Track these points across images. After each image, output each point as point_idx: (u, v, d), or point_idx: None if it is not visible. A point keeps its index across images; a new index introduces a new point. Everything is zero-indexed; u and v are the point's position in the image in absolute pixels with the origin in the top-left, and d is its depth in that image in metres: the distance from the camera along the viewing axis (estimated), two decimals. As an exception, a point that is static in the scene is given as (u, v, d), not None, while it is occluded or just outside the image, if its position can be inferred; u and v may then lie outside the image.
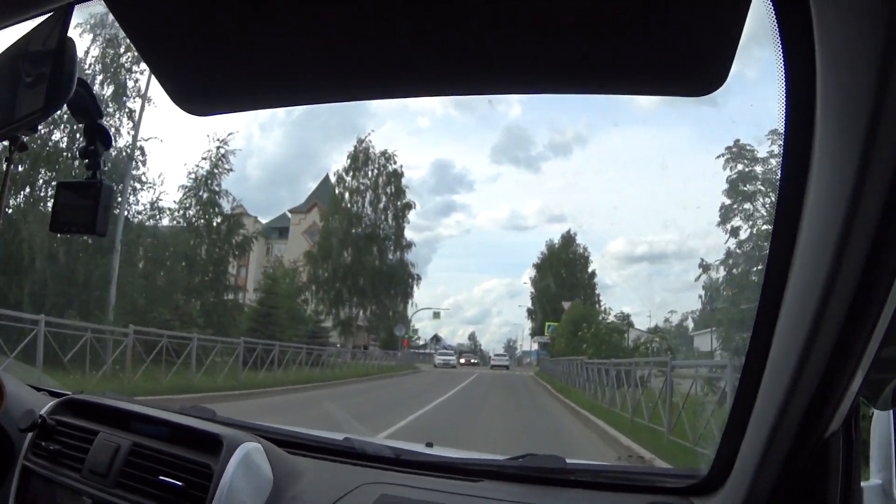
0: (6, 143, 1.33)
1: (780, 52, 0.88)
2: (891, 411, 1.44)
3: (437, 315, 46.44)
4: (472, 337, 60.76)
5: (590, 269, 43.00)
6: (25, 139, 1.34)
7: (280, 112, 63.99)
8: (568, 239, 43.56)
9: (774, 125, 1.02)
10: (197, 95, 1.16)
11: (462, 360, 42.29)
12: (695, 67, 0.92)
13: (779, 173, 1.00)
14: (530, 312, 44.48)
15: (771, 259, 1.06)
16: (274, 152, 57.54)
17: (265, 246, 47.67)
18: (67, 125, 14.36)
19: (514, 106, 55.44)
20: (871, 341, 0.96)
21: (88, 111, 1.43)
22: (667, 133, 54.96)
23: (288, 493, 1.58)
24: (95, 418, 1.85)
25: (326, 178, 51.32)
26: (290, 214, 51.13)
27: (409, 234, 56.39)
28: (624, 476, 1.70)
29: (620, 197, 61.96)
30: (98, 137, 1.46)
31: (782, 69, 0.90)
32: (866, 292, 0.90)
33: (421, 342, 52.09)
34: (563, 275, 41.91)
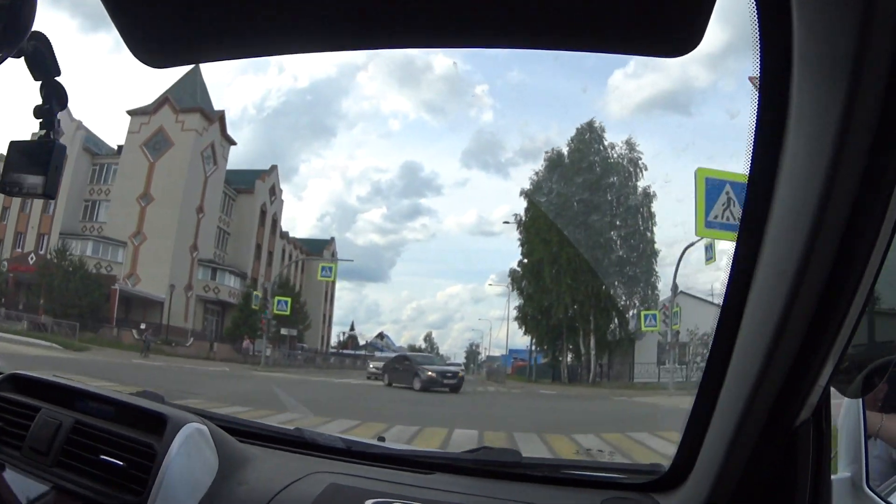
0: None
1: (756, 28, 0.90)
2: (860, 404, 1.45)
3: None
4: (428, 338, 62.53)
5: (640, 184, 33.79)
6: None
7: (250, 108, 66.61)
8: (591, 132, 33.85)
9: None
10: (155, 44, 1.06)
11: (374, 367, 30.25)
12: (669, 26, 0.89)
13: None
14: (516, 280, 36.14)
15: (740, 242, 1.05)
16: (241, 150, 60.30)
17: (90, 166, 42.65)
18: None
19: (486, 111, 58.52)
20: (843, 329, 0.97)
21: (46, 67, 1.37)
22: (641, 141, 52.22)
23: (234, 477, 1.54)
24: (39, 395, 1.76)
25: (195, 70, 42.61)
26: (128, 116, 43.81)
27: (373, 237, 65.29)
28: (581, 470, 1.69)
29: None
30: (54, 95, 1.41)
31: (758, 46, 0.92)
32: (838, 279, 0.91)
33: (362, 342, 49.44)
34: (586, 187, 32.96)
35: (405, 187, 79.53)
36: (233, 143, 48.35)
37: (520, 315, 36.78)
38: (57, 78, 1.42)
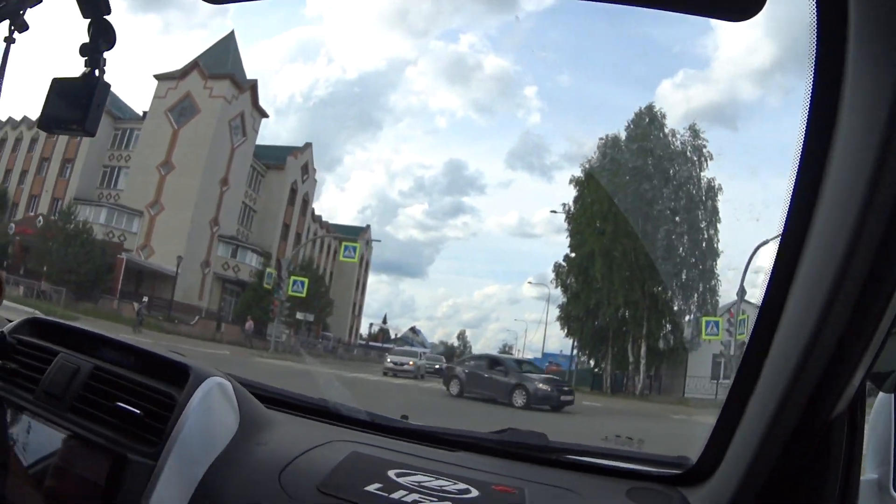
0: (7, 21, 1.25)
1: (814, 42, 0.92)
2: (892, 406, 1.42)
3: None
4: (461, 336, 59.48)
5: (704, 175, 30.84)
6: (26, 16, 1.28)
7: (297, 96, 64.79)
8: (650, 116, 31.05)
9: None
10: None
11: (392, 362, 26.67)
12: None
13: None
14: (560, 276, 33.03)
15: (785, 236, 1.06)
16: (286, 139, 56.76)
17: (112, 130, 40.41)
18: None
19: (533, 113, 56.13)
20: (882, 323, 0.98)
21: (97, 5, 1.36)
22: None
23: (254, 437, 1.53)
24: (59, 340, 1.74)
25: (229, 37, 42.95)
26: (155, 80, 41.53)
27: (413, 232, 68.86)
28: (608, 459, 1.67)
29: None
30: (102, 34, 1.39)
31: (813, 60, 0.93)
32: (878, 275, 0.92)
33: (393, 334, 49.32)
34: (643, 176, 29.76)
35: (449, 185, 74.11)
36: (265, 115, 45.79)
37: (562, 315, 33.57)
38: (106, 17, 1.36)
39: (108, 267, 34.01)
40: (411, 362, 26.34)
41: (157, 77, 41.43)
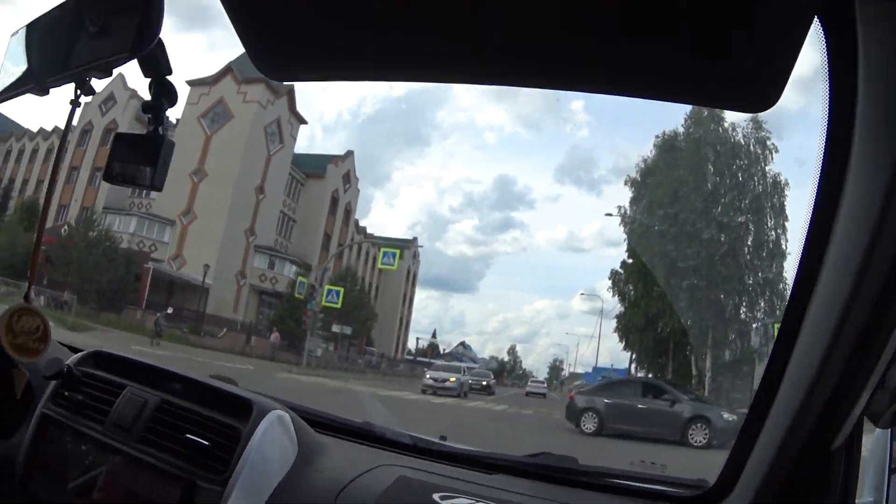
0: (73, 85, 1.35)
1: (826, 72, 0.96)
2: (888, 436, 1.52)
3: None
4: (511, 351, 62.97)
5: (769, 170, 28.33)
6: (93, 83, 1.36)
7: (345, 113, 69.27)
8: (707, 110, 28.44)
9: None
10: (277, 59, 1.12)
11: (432, 378, 23.88)
12: (749, 83, 0.93)
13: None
14: (617, 284, 31.18)
15: (798, 277, 1.14)
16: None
17: None
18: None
19: (581, 128, 59.96)
20: (881, 361, 1.05)
21: (159, 65, 1.41)
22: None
23: (311, 465, 1.62)
24: (122, 373, 1.83)
25: None
26: (187, 87, 39.93)
27: (463, 248, 67.47)
28: (632, 481, 1.74)
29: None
30: (164, 93, 1.45)
31: (827, 90, 0.98)
32: (879, 317, 1.01)
33: (443, 350, 49.96)
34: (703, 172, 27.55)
35: (498, 200, 79.73)
36: (303, 121, 44.52)
37: (620, 325, 31.13)
38: (168, 77, 1.42)
39: (133, 276, 32.71)
40: (452, 378, 23.71)
41: (190, 83, 40.28)
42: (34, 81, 1.41)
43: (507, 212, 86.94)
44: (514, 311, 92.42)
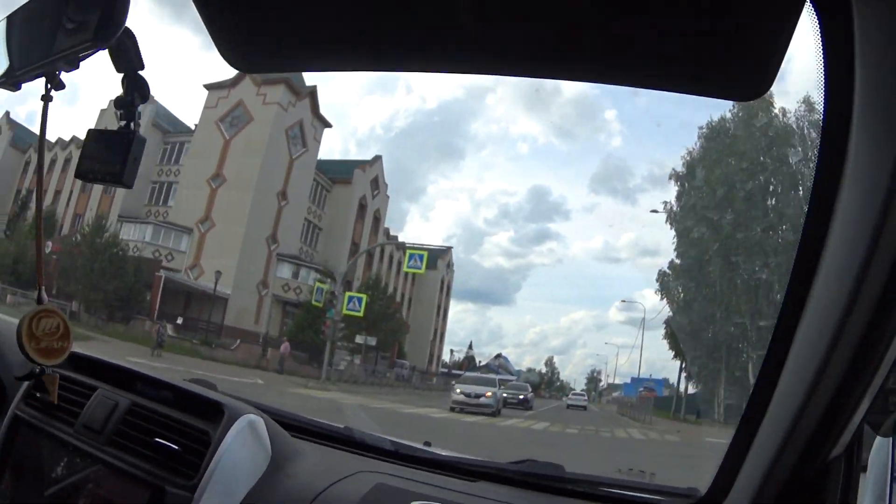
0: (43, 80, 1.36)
1: (822, 58, 0.94)
2: (890, 445, 1.48)
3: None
4: (549, 363, 62.66)
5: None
6: (63, 77, 1.36)
7: (377, 128, 67.76)
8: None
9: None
10: (246, 49, 1.12)
11: (462, 394, 20.94)
12: (742, 71, 0.93)
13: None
14: (665, 286, 29.32)
15: (791, 282, 1.12)
16: None
17: (161, 145, 38.53)
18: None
19: (614, 137, 59.60)
20: (881, 368, 1.03)
21: (130, 60, 1.40)
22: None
23: (285, 470, 1.59)
24: (96, 375, 1.83)
25: None
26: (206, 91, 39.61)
27: (499, 260, 71.51)
28: (621, 489, 1.71)
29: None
30: (136, 88, 1.43)
31: (822, 77, 0.96)
32: (879, 324, 0.98)
33: (480, 362, 49.48)
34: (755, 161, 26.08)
35: (533, 211, 78.02)
36: (327, 124, 42.85)
37: (668, 331, 29.50)
38: (140, 72, 1.42)
39: (144, 285, 31.13)
40: (488, 393, 20.72)
41: (208, 87, 39.27)
42: (5, 76, 1.39)
43: (543, 223, 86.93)
44: (550, 322, 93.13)
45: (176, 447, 1.53)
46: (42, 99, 1.40)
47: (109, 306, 28.61)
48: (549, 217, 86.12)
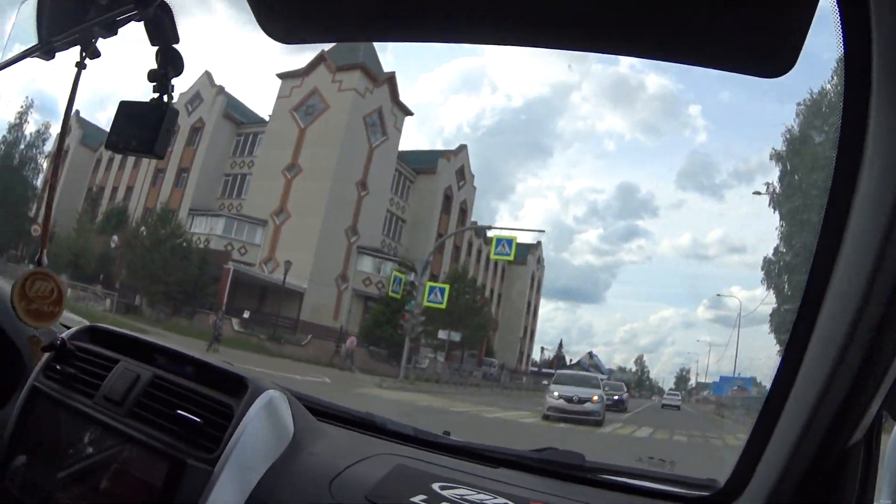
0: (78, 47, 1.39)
1: (841, 44, 0.95)
2: None
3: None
4: (638, 361, 62.41)
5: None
6: (98, 44, 1.42)
7: (464, 127, 68.56)
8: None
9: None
10: (286, 19, 1.15)
11: (562, 398, 17.02)
12: (767, 47, 0.94)
13: None
14: (770, 275, 28.60)
15: (812, 270, 1.13)
16: None
17: (234, 136, 38.34)
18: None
19: (699, 132, 58.53)
20: None
21: (165, 33, 1.43)
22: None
23: (306, 448, 1.59)
24: (117, 348, 1.80)
25: None
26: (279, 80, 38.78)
27: (589, 258, 73.08)
28: (641, 479, 1.70)
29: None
30: (170, 62, 1.45)
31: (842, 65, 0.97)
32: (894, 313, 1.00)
33: (571, 360, 49.02)
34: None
35: (622, 208, 75.90)
36: (408, 112, 40.95)
37: (773, 324, 27.94)
38: (175, 45, 1.45)
39: (211, 279, 29.55)
40: (595, 397, 17.05)
41: (281, 76, 38.12)
42: (40, 43, 1.43)
43: (632, 220, 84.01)
44: (640, 320, 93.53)
45: (198, 420, 1.50)
46: (76, 66, 1.41)
47: (173, 299, 27.38)
48: (638, 214, 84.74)
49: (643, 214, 79.17)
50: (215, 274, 29.71)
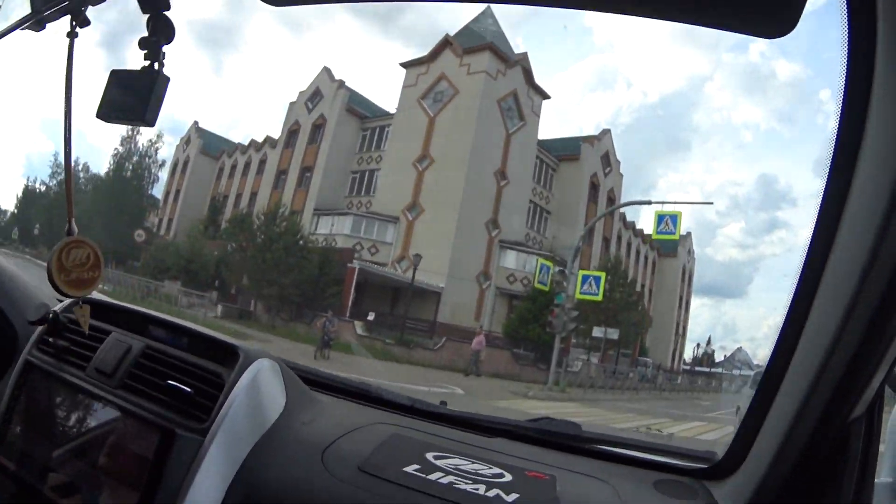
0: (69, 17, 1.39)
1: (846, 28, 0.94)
2: None
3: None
4: None
5: None
6: (88, 12, 1.41)
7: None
8: None
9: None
10: None
11: None
12: (768, 6, 0.94)
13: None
14: None
15: (813, 238, 1.11)
16: None
17: (359, 132, 37.12)
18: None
19: (832, 118, 45.56)
20: None
21: (155, 0, 1.42)
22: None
23: (299, 417, 1.59)
24: (110, 320, 1.79)
25: (485, 13, 34.21)
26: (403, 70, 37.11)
27: (732, 252, 75.04)
28: (638, 450, 1.71)
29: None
30: (161, 28, 1.43)
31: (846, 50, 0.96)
32: None
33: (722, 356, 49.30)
34: None
35: (762, 200, 79.49)
36: (545, 95, 37.41)
37: None
38: (165, 12, 1.43)
39: (333, 280, 27.30)
40: None
41: (405, 65, 36.09)
42: (30, 13, 1.43)
43: (773, 212, 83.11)
44: (782, 315, 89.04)
45: (188, 389, 1.50)
46: (67, 36, 1.41)
47: (289, 303, 25.56)
48: (778, 205, 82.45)
49: (783, 205, 78.02)
50: (339, 275, 27.57)
